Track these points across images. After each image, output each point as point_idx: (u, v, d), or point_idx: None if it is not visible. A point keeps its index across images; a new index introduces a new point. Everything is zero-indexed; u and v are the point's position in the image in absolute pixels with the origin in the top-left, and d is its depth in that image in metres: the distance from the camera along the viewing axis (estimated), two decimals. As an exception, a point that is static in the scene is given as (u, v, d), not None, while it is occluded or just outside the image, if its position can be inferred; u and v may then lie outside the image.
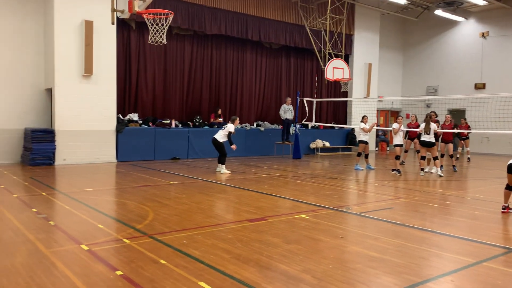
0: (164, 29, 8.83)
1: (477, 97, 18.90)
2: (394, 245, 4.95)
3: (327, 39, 17.66)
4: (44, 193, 7.93)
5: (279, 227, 5.67)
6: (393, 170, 11.87)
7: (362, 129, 12.61)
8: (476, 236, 5.41)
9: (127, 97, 14.71)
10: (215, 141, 11.33)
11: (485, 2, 18.45)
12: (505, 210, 6.78)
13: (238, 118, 11.79)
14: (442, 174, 11.32)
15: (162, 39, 8.94)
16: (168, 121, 14.84)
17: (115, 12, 9.03)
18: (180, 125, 15.30)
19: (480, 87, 20.63)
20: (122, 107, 14.45)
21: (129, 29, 14.49)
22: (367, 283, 3.81)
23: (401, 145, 12.16)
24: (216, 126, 15.56)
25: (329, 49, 17.73)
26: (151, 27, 8.90)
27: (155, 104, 15.26)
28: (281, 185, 9.53)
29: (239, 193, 8.43)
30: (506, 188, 6.80)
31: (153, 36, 8.93)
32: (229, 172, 11.27)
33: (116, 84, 13.60)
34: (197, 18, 15.28)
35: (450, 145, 12.73)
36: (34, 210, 6.47)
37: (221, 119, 16.09)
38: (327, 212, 6.68)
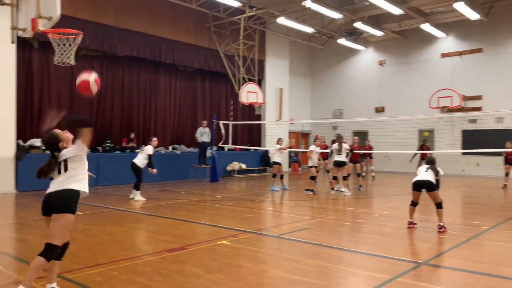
0: (71, 49, 8.32)
1: (377, 120, 20.55)
2: (314, 266, 5.05)
3: (240, 64, 18.03)
4: None
5: (200, 256, 5.50)
6: (306, 190, 12.29)
7: (280, 149, 13.02)
8: (387, 252, 5.73)
9: (29, 121, 13.54)
10: (133, 166, 10.79)
11: (381, 33, 20.22)
12: (410, 226, 7.31)
13: (155, 138, 11.37)
14: (349, 193, 11.92)
15: (70, 60, 8.41)
16: (75, 147, 13.88)
17: (15, 31, 8.33)
18: (89, 150, 14.41)
19: (380, 110, 22.43)
20: (23, 132, 13.24)
21: (31, 49, 13.47)
22: (291, 308, 3.81)
23: (316, 166, 12.67)
24: (129, 150, 14.92)
25: (242, 74, 18.10)
26: (57, 48, 8.33)
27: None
28: (200, 210, 9.35)
29: (156, 221, 8.09)
30: (411, 205, 7.36)
31: (59, 57, 8.35)
32: (144, 199, 10.79)
33: (16, 107, 12.49)
34: (106, 39, 14.70)
35: (358, 165, 13.81)
36: None
37: (134, 143, 15.47)
38: (247, 236, 6.65)
